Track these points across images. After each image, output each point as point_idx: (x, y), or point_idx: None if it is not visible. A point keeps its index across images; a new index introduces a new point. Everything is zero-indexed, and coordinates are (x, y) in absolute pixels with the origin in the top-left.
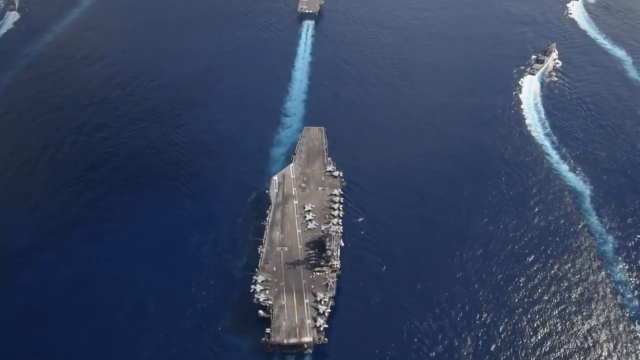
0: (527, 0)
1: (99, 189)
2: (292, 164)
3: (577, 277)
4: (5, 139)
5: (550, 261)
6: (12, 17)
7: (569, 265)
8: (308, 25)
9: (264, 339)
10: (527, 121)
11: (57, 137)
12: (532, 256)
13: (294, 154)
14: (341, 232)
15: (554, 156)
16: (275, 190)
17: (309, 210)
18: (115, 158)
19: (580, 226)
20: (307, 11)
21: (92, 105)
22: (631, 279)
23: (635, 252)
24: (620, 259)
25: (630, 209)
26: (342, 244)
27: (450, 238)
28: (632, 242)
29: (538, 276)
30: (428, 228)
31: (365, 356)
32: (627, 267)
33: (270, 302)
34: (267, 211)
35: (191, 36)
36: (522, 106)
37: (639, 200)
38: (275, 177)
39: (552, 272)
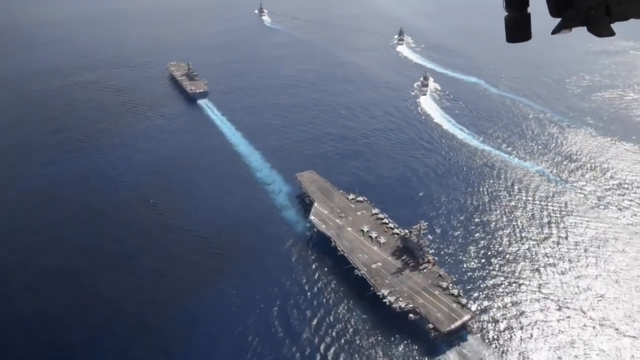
0: (385, 67)
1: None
2: (315, 204)
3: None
4: None
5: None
6: None
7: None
8: (206, 104)
9: (431, 334)
10: (460, 137)
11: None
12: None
13: (308, 196)
14: (426, 228)
15: (503, 154)
16: (323, 226)
17: (369, 231)
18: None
19: (554, 189)
20: (197, 91)
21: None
22: None
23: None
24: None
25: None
26: (431, 237)
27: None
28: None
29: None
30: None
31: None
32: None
33: (411, 305)
34: (332, 244)
35: (104, 153)
36: (445, 127)
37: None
38: (312, 217)
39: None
